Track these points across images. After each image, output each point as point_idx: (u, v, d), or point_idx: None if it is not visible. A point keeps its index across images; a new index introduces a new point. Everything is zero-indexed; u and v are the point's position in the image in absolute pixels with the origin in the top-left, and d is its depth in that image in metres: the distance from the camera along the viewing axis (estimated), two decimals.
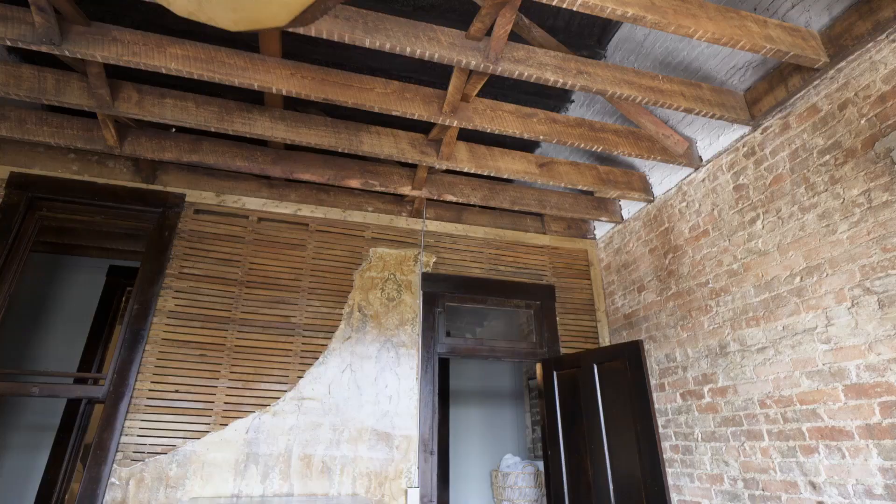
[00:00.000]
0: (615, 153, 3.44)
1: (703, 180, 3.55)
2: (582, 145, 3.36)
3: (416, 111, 3.02)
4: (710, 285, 3.35)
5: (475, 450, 5.94)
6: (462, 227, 4.51)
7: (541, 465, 5.27)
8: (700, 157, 3.58)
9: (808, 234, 2.71)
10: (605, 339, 4.43)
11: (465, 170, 3.63)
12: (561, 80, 2.77)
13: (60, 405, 4.85)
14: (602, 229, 4.78)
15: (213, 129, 3.18)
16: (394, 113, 3.00)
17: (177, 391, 3.35)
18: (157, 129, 3.59)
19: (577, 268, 4.69)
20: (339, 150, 3.40)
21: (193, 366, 3.44)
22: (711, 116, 3.06)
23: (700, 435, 3.28)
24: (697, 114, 3.05)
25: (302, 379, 3.58)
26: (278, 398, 3.49)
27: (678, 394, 3.52)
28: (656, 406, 3.70)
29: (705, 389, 3.28)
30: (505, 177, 3.70)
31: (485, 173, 3.67)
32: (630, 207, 4.38)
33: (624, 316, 4.28)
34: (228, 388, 3.44)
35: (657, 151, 3.52)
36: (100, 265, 5.40)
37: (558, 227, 4.79)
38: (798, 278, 2.74)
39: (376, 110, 2.97)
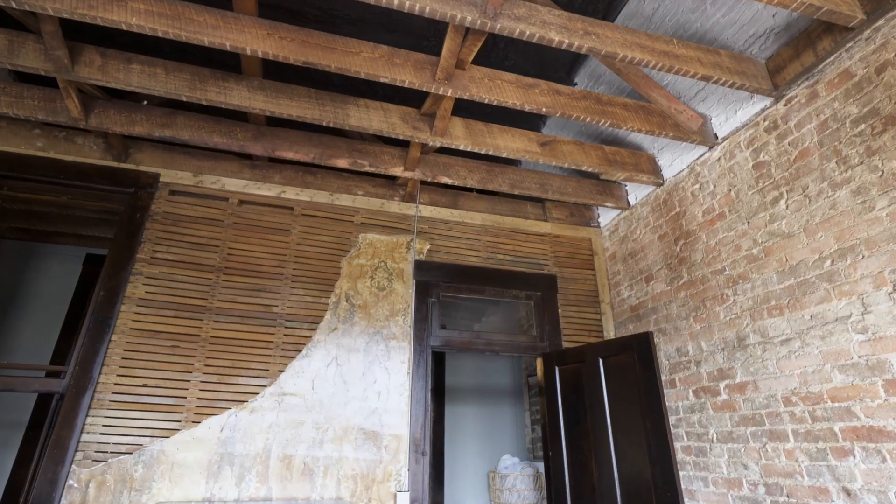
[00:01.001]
0: (624, 128, 3.17)
1: (719, 159, 3.27)
2: (588, 119, 3.09)
3: (407, 78, 2.74)
4: (727, 272, 3.08)
5: (471, 450, 5.66)
6: (458, 212, 4.23)
7: (541, 466, 5.00)
8: (715, 134, 3.31)
9: (840, 213, 2.44)
10: (610, 333, 4.16)
11: (461, 147, 3.36)
12: (566, 42, 2.49)
13: (31, 400, 4.57)
14: (607, 217, 4.51)
15: (184, 98, 2.90)
16: (381, 79, 2.72)
17: (145, 385, 3.07)
18: (127, 101, 3.31)
19: (580, 257, 4.42)
20: (324, 124, 3.12)
21: (164, 358, 3.16)
22: (731, 85, 2.79)
23: (715, 435, 3.01)
24: (716, 82, 2.77)
25: (283, 373, 3.31)
26: (257, 394, 3.22)
27: (691, 390, 3.25)
28: (666, 404, 3.43)
29: (721, 386, 3.01)
30: (504, 155, 3.43)
31: (482, 151, 3.39)
32: (637, 192, 4.11)
33: (630, 308, 4.00)
34: (202, 382, 3.16)
35: (669, 128, 3.24)
36: (76, 253, 5.12)
37: (560, 214, 4.52)
38: (828, 262, 2.46)
39: (362, 76, 2.69)
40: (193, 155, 3.76)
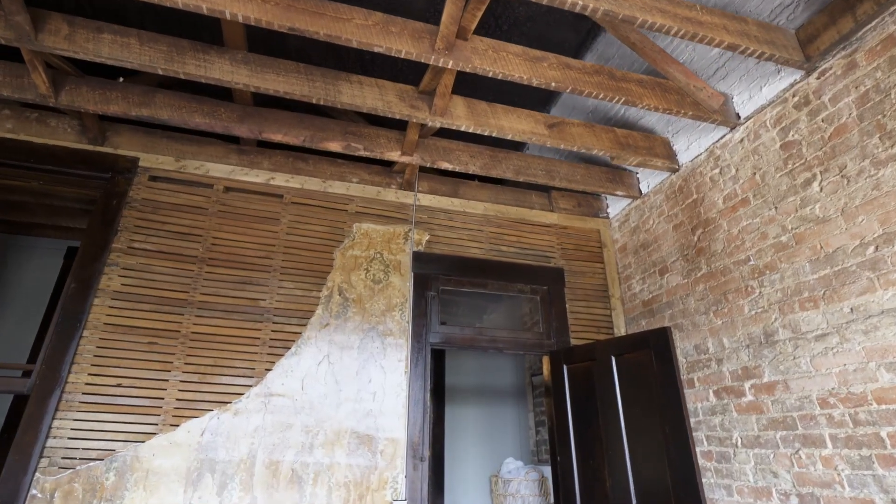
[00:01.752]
0: (640, 106, 2.92)
1: (742, 141, 3.03)
2: (601, 95, 2.84)
3: (404, 47, 2.49)
4: (752, 262, 2.83)
5: (473, 453, 5.42)
6: (459, 201, 3.98)
7: (546, 469, 4.76)
8: (737, 114, 3.06)
9: (884, 194, 2.19)
10: (621, 329, 3.91)
11: (463, 128, 3.11)
12: (580, 4, 2.24)
13: (6, 401, 4.33)
14: (616, 207, 4.26)
15: (160, 71, 2.65)
16: (376, 49, 2.47)
17: (119, 385, 2.82)
18: (101, 78, 3.06)
19: (588, 249, 4.17)
20: (314, 101, 2.87)
21: (141, 356, 2.91)
22: (759, 56, 2.54)
23: (740, 439, 2.76)
24: (743, 52, 2.53)
25: (270, 372, 3.06)
26: (241, 394, 2.97)
27: (711, 391, 3.00)
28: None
29: (746, 386, 2.77)
30: (509, 137, 3.18)
31: (485, 133, 3.15)
32: (650, 180, 3.86)
33: (643, 303, 3.75)
34: (182, 382, 2.91)
35: (688, 106, 3.00)
36: (57, 247, 4.87)
37: (567, 204, 4.27)
38: (871, 248, 2.22)
39: (354, 45, 2.44)
40: (176, 139, 3.51)
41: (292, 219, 3.52)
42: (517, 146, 4.75)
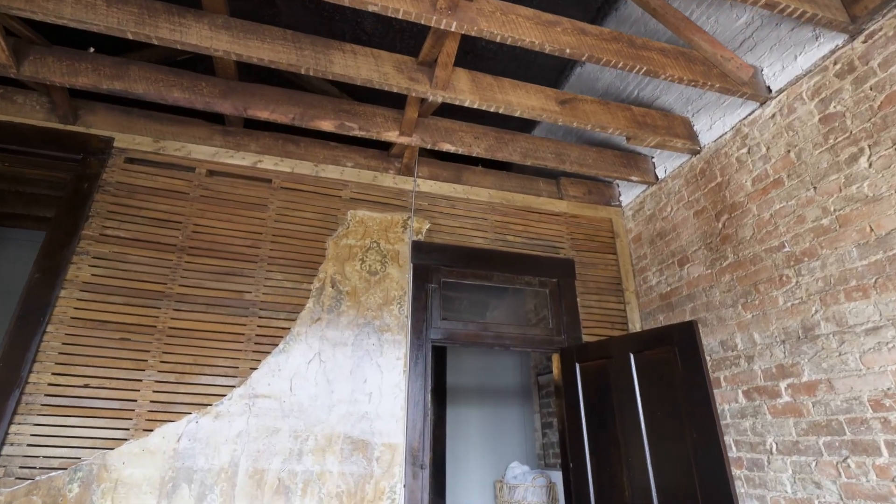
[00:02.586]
0: (662, 77, 2.65)
1: (773, 116, 2.75)
2: (620, 64, 2.56)
3: (402, 6, 2.21)
4: (787, 249, 2.56)
5: (476, 457, 5.14)
6: (462, 188, 3.71)
7: (554, 474, 4.48)
8: (768, 87, 2.79)
9: None
10: (636, 325, 3.64)
11: (467, 103, 2.84)
12: None
13: None
14: (629, 194, 3.99)
15: (129, 36, 2.37)
16: (370, 8, 2.19)
17: (87, 386, 2.54)
18: (70, 48, 2.79)
19: (600, 240, 3.90)
20: (302, 72, 2.60)
21: (112, 353, 2.64)
22: (800, 16, 2.27)
23: (775, 445, 2.49)
24: (782, 11, 2.25)
25: (256, 371, 2.79)
26: (223, 396, 2.69)
27: (740, 391, 2.73)
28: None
29: (782, 386, 2.49)
30: (517, 114, 2.91)
31: (491, 109, 2.87)
32: (667, 164, 3.58)
33: (660, 296, 3.48)
34: (157, 382, 2.64)
35: (714, 77, 2.72)
36: (35, 238, 4.59)
37: (577, 191, 4.00)
38: None
39: (346, 3, 2.16)
40: (155, 118, 3.23)
41: (281, 205, 3.25)
42: (524, 127, 4.46)
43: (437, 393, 5.21)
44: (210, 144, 3.27)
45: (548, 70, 3.95)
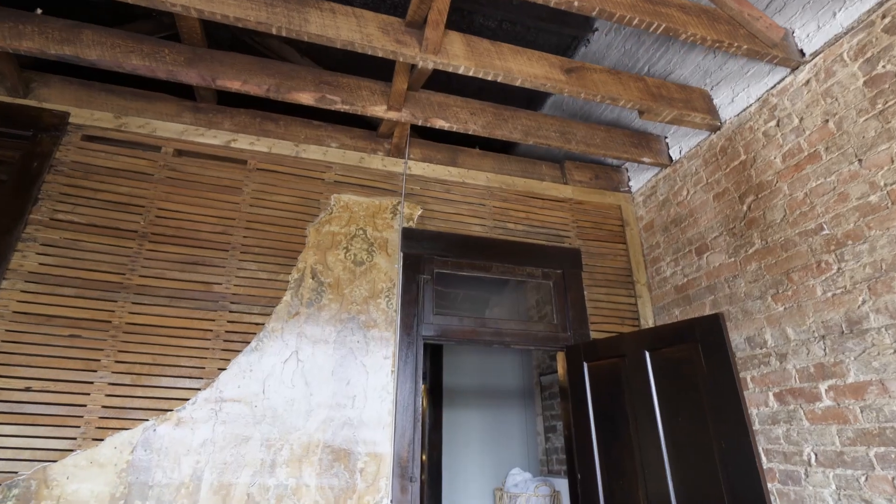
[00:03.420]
0: (683, 36, 2.33)
1: (808, 82, 2.44)
2: (636, 21, 2.25)
3: None
4: (826, 232, 2.24)
5: (475, 462, 4.83)
6: (458, 171, 3.40)
7: (558, 482, 4.17)
8: (801, 50, 2.47)
9: None
10: (649, 320, 3.32)
11: (461, 70, 2.52)
12: None
13: None
14: (640, 179, 3.67)
15: None
16: None
17: (28, 389, 2.23)
18: (14, 8, 2.48)
19: (607, 228, 3.58)
20: (274, 32, 2.28)
21: (59, 352, 2.32)
22: None
23: (814, 456, 2.17)
24: None
25: (224, 372, 2.47)
26: (186, 400, 2.38)
27: (771, 394, 2.42)
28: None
29: (822, 388, 2.18)
30: (517, 83, 2.60)
31: (488, 77, 2.56)
32: (682, 144, 3.27)
33: (675, 288, 3.17)
34: (111, 384, 2.33)
35: (741, 38, 2.41)
36: None
37: (583, 176, 3.68)
38: None
39: None
40: (117, 92, 2.92)
41: (257, 188, 2.94)
42: (528, 103, 4.11)
43: (434, 394, 4.90)
44: (178, 121, 2.96)
45: (550, 49, 3.63)
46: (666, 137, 3.41)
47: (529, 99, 3.98)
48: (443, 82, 3.49)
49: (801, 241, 2.37)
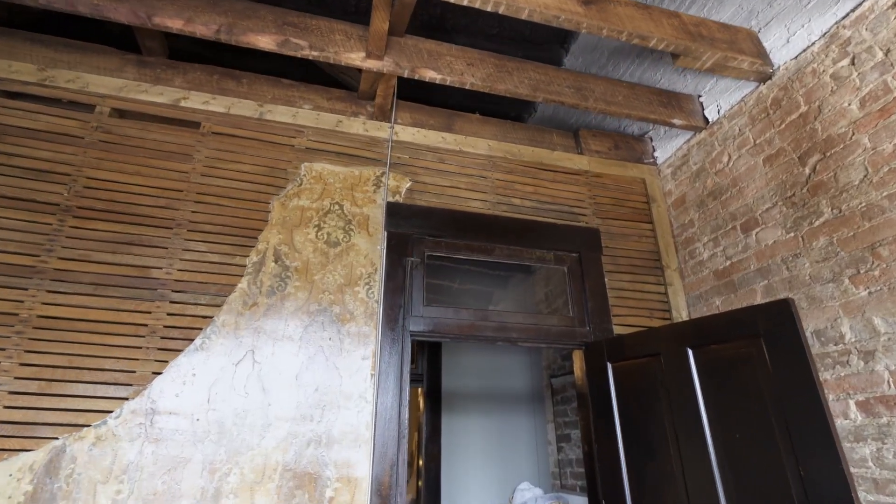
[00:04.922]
0: None
1: (892, 7, 1.91)
2: None
3: None
4: None
5: (477, 476, 4.31)
6: (454, 137, 2.89)
7: (573, 499, 3.65)
8: None
9: None
10: (682, 312, 2.80)
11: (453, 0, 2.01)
12: None
13: None
14: (667, 148, 3.15)
15: None
16: None
17: None
18: None
19: (630, 205, 3.07)
20: None
21: None
22: None
23: None
24: None
25: (160, 377, 1.98)
26: (109, 413, 1.89)
27: (852, 402, 1.89)
28: None
29: None
30: (524, 15, 2.08)
31: (487, 7, 2.04)
32: (720, 101, 2.75)
33: (715, 273, 2.65)
34: (11, 393, 1.84)
35: None
36: None
37: (601, 145, 3.17)
38: None
39: None
40: (44, 41, 2.44)
41: (211, 154, 2.44)
42: (537, 53, 3.56)
43: (431, 398, 4.40)
44: (119, 76, 2.47)
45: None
46: (700, 96, 2.88)
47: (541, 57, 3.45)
48: (434, 26, 2.96)
49: (890, 205, 1.84)
